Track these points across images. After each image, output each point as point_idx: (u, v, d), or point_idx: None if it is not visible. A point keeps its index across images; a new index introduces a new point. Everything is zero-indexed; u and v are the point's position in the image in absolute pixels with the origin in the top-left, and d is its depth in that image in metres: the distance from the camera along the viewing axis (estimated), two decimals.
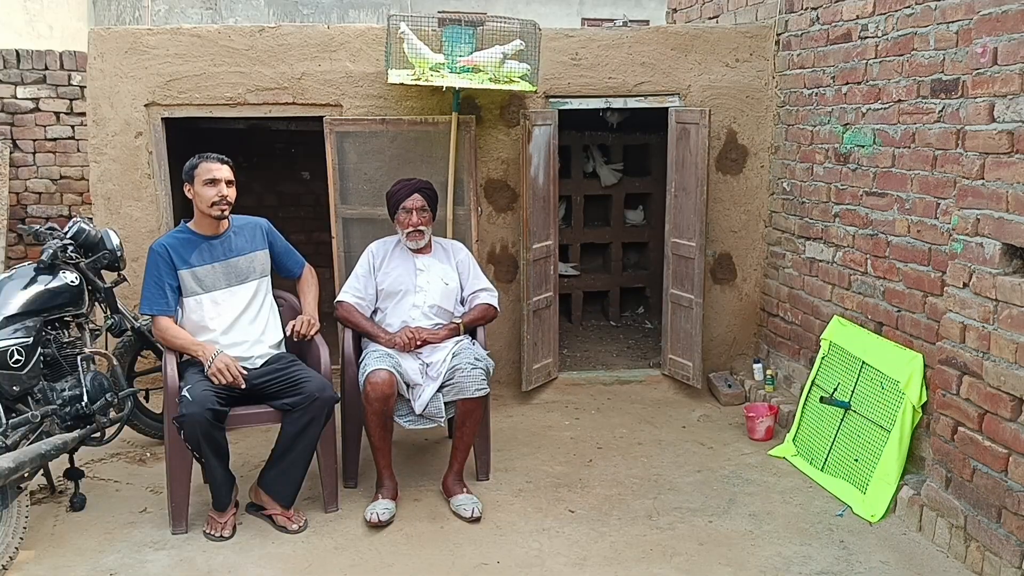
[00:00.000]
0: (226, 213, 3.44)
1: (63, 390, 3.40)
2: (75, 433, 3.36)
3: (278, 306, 3.65)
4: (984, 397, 2.99)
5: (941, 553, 3.17)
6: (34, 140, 6.12)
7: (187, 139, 5.81)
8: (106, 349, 3.91)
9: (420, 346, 3.55)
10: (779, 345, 4.82)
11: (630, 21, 9.24)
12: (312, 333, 3.50)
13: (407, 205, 3.65)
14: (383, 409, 3.35)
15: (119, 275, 3.91)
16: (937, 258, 3.48)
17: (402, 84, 4.28)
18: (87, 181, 5.67)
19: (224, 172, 3.40)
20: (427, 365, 3.55)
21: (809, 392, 4.11)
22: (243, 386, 3.29)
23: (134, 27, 4.72)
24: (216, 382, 3.24)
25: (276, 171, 6.60)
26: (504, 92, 4.59)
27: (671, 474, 3.87)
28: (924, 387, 3.49)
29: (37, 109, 6.08)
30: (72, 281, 3.50)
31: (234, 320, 3.43)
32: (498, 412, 4.58)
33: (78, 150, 6.12)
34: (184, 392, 3.17)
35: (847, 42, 4.08)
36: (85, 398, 3.42)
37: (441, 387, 3.50)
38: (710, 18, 5.78)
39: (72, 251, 3.55)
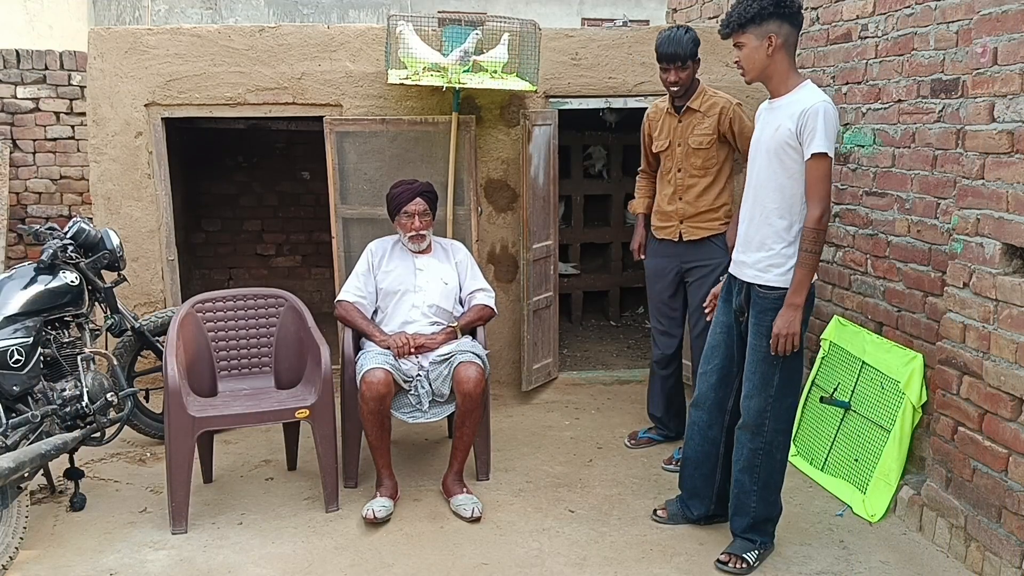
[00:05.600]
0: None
1: (63, 390, 3.40)
2: (75, 433, 3.36)
3: (278, 306, 3.65)
4: (984, 397, 2.99)
5: (941, 553, 3.17)
6: (34, 140, 6.11)
7: (187, 139, 5.82)
8: (106, 349, 3.91)
9: (417, 350, 3.54)
10: None
11: (630, 21, 9.23)
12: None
13: (409, 209, 3.65)
14: (379, 408, 3.35)
15: (119, 275, 3.91)
16: (937, 258, 3.49)
17: (402, 84, 4.28)
18: (87, 181, 5.67)
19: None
20: (423, 368, 3.55)
21: (809, 392, 4.11)
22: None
23: (134, 27, 4.72)
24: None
25: (276, 171, 6.60)
26: (504, 92, 4.59)
27: (671, 474, 3.86)
28: (924, 387, 3.49)
29: (37, 109, 6.07)
30: (72, 281, 3.50)
31: None
32: (498, 412, 4.58)
33: (78, 150, 6.12)
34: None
35: (847, 42, 4.08)
36: (85, 398, 3.42)
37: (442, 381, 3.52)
38: (710, 18, 5.77)
39: (72, 251, 3.55)
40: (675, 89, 3.75)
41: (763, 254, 2.93)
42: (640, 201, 4.17)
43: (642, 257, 4.12)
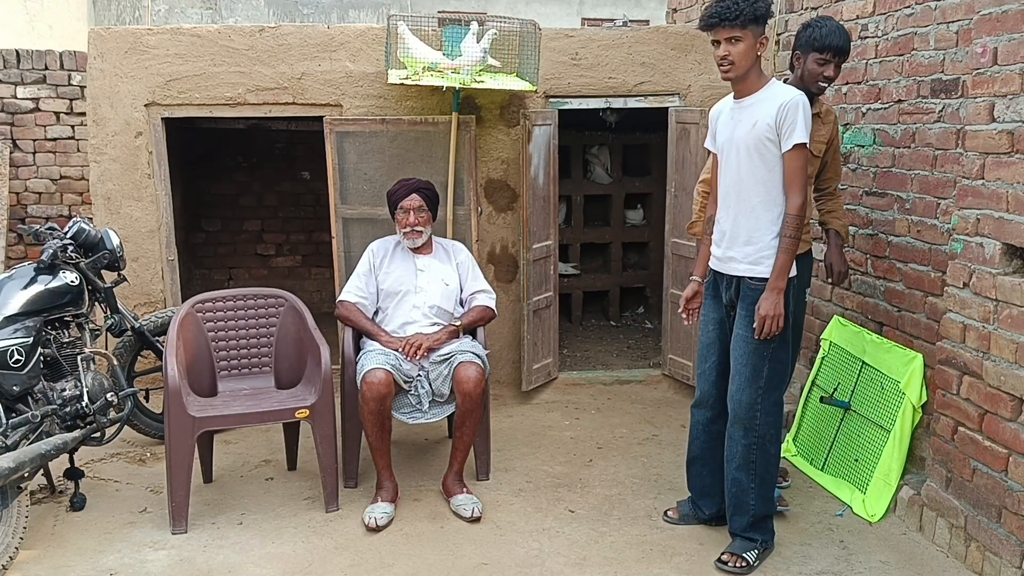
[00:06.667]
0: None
1: (63, 390, 3.39)
2: (75, 433, 3.36)
3: (278, 306, 3.65)
4: (984, 397, 2.99)
5: (941, 553, 3.17)
6: (34, 140, 6.12)
7: (187, 139, 5.82)
8: (106, 349, 3.91)
9: (422, 354, 3.53)
10: None
11: (630, 21, 9.23)
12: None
13: (404, 205, 3.66)
14: (380, 409, 3.35)
15: (119, 275, 3.91)
16: (937, 258, 3.49)
17: (402, 84, 4.28)
18: (87, 181, 5.67)
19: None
20: (423, 368, 3.55)
21: (809, 392, 4.11)
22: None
23: (134, 27, 4.72)
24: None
25: (276, 171, 6.61)
26: (504, 92, 4.59)
27: (671, 474, 3.86)
28: (924, 387, 3.49)
29: (37, 109, 6.08)
30: (72, 281, 3.50)
31: None
32: (498, 412, 4.58)
33: (78, 150, 6.12)
34: None
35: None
36: (85, 398, 3.42)
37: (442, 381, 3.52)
38: None
39: (72, 251, 3.55)
40: (825, 86, 3.34)
41: (752, 247, 2.97)
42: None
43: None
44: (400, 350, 3.51)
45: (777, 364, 3.01)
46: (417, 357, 3.51)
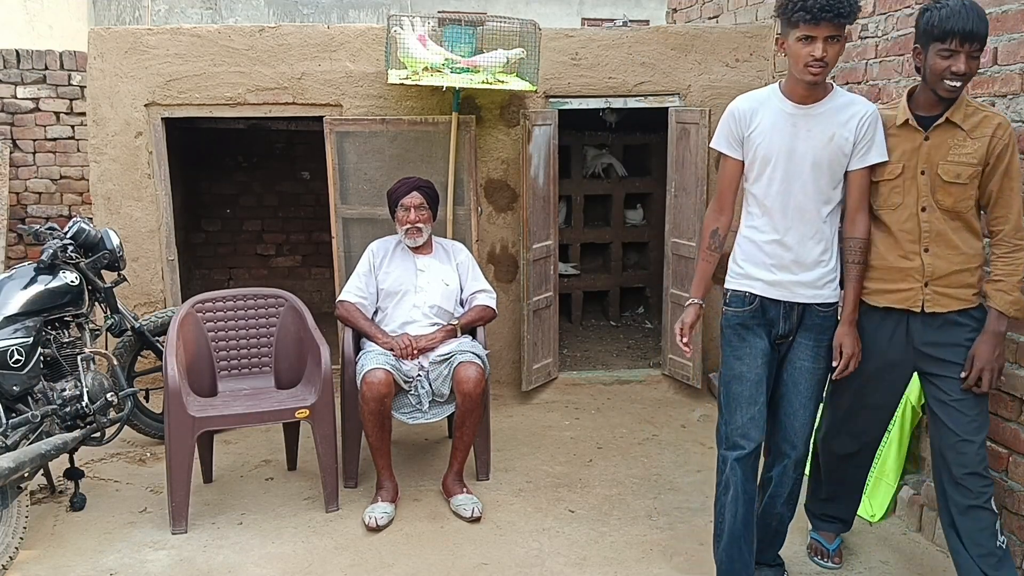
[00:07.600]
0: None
1: (63, 390, 3.40)
2: (75, 433, 3.36)
3: (278, 306, 3.66)
4: None
5: (941, 553, 3.17)
6: (34, 140, 6.12)
7: (187, 139, 5.83)
8: (106, 349, 3.91)
9: (418, 354, 3.54)
10: None
11: (630, 21, 9.23)
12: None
13: (405, 202, 3.66)
14: (380, 409, 3.35)
15: (119, 275, 3.92)
16: None
17: (402, 84, 4.28)
18: (87, 181, 5.68)
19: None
20: (423, 368, 3.55)
21: None
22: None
23: (134, 27, 4.73)
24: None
25: (276, 171, 6.61)
26: (504, 92, 4.59)
27: (671, 474, 3.87)
28: None
29: (37, 109, 6.08)
30: (72, 281, 3.50)
31: None
32: (498, 412, 4.58)
33: (78, 150, 6.12)
34: None
35: (847, 42, 4.07)
36: (85, 398, 3.42)
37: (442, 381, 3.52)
38: (710, 18, 5.78)
39: (72, 251, 3.55)
40: (957, 85, 2.53)
41: (820, 271, 2.72)
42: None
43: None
44: (395, 351, 3.51)
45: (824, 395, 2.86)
46: (413, 357, 3.50)
